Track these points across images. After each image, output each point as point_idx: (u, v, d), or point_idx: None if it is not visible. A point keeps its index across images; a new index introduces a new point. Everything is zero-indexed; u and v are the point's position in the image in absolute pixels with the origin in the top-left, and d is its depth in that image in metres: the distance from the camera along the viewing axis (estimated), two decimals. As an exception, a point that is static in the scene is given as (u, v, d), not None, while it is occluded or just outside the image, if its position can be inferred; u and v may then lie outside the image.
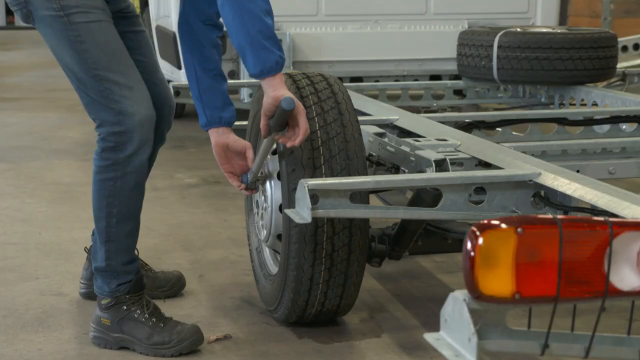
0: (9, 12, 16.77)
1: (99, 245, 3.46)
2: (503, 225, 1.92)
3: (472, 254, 1.91)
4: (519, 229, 1.91)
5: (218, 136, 3.62)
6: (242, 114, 3.93)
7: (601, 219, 1.97)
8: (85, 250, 4.06)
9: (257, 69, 3.17)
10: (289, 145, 3.24)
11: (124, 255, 3.47)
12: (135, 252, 3.58)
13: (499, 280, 1.91)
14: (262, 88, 3.26)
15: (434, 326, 2.05)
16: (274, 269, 3.76)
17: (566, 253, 1.92)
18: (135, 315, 3.43)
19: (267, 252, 3.85)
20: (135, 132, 3.33)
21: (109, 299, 3.46)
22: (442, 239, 3.76)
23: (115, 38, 3.41)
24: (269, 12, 3.18)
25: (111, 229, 3.42)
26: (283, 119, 3.19)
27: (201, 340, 3.42)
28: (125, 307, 3.44)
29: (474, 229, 1.92)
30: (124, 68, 3.40)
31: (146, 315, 3.43)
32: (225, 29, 3.36)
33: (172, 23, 6.51)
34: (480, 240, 1.90)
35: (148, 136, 3.39)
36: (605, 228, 1.94)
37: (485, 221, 1.94)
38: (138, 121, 3.34)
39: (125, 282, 3.46)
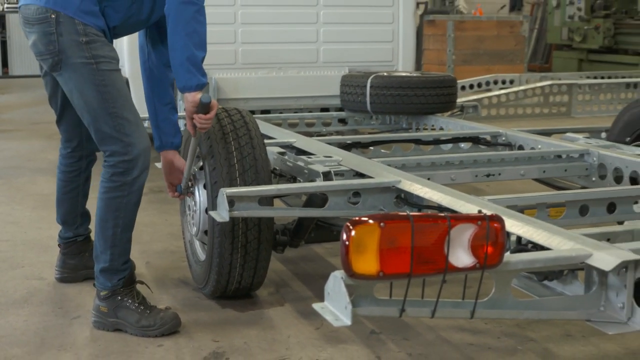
0: (4, 64, 16.44)
1: (103, 250, 3.34)
2: (370, 221, 1.93)
3: (347, 243, 1.91)
4: (381, 224, 1.92)
5: (167, 156, 3.67)
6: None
7: (442, 214, 1.99)
8: (58, 245, 3.99)
9: (180, 85, 3.23)
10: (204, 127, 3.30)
11: (124, 256, 3.37)
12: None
13: (367, 262, 1.92)
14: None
15: (324, 298, 2.05)
16: (202, 256, 3.73)
17: (417, 241, 1.93)
18: (128, 304, 3.33)
19: (197, 244, 3.82)
20: (140, 159, 3.26)
21: (106, 291, 3.36)
22: (330, 231, 3.76)
23: (125, 85, 3.36)
24: (201, 46, 3.19)
25: (116, 236, 3.32)
26: (205, 110, 3.23)
27: (179, 324, 3.33)
28: (119, 298, 3.34)
29: (348, 224, 1.92)
30: (133, 109, 3.32)
31: (136, 304, 3.33)
32: None
33: (126, 71, 6.41)
34: (353, 233, 1.91)
35: (148, 162, 3.32)
36: (445, 221, 1.96)
37: (357, 218, 1.94)
38: (142, 150, 3.27)
39: (122, 278, 3.37)
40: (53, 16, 3.19)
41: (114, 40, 3.46)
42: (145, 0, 3.36)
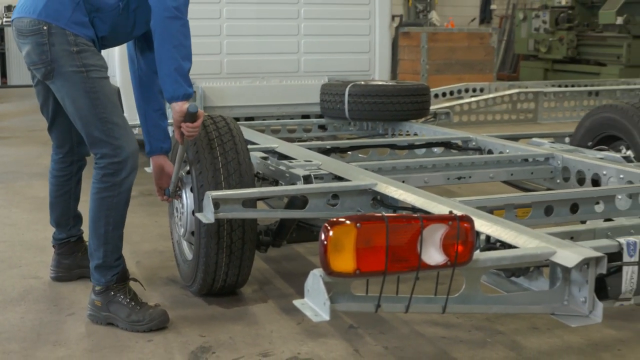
0: (3, 75, 16.31)
1: (97, 247, 3.34)
2: (347, 222, 1.93)
3: (325, 242, 1.91)
4: (358, 224, 1.92)
5: (158, 160, 3.67)
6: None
7: (415, 215, 1.99)
8: (53, 246, 3.96)
9: (168, 95, 3.20)
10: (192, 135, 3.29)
11: (117, 253, 3.37)
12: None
13: (344, 261, 1.92)
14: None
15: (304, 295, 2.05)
16: (189, 256, 3.71)
17: (391, 240, 1.93)
18: (120, 299, 3.33)
19: (184, 244, 3.80)
20: (128, 161, 3.27)
21: (101, 286, 3.35)
22: (310, 231, 3.76)
23: (114, 91, 3.37)
24: (187, 58, 3.17)
25: (108, 234, 3.32)
26: (192, 119, 3.20)
27: (167, 321, 3.32)
28: (112, 293, 3.34)
29: (326, 224, 1.92)
30: (121, 114, 3.33)
31: (127, 300, 3.33)
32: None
33: (117, 81, 6.39)
34: (331, 233, 1.91)
35: (136, 164, 3.33)
36: (418, 222, 1.96)
37: (335, 219, 1.94)
38: (131, 153, 3.27)
39: (115, 274, 3.36)
40: (45, 28, 3.20)
41: (106, 51, 3.45)
42: (129, 13, 3.35)
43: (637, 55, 12.84)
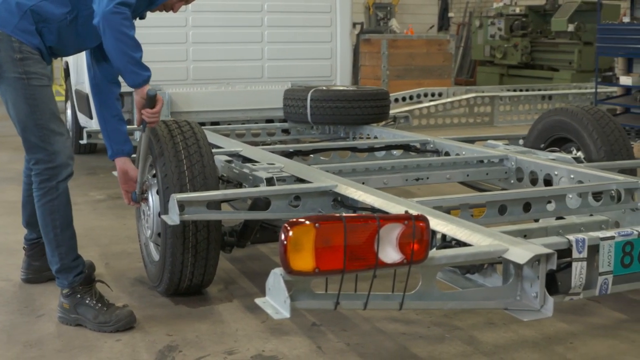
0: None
1: (52, 252, 3.33)
2: (306, 222, 1.92)
3: (285, 242, 1.90)
4: (316, 224, 1.92)
5: (121, 164, 3.65)
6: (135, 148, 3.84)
7: (372, 215, 1.99)
8: (23, 249, 3.92)
9: (130, 84, 3.22)
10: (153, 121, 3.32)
11: (72, 253, 3.35)
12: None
13: (304, 260, 1.91)
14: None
15: (266, 293, 2.04)
16: (156, 257, 3.69)
17: (349, 239, 1.93)
18: (86, 301, 3.31)
19: (151, 245, 3.77)
20: (62, 165, 3.27)
21: (67, 289, 3.34)
22: (273, 232, 3.76)
23: (54, 99, 3.36)
24: (136, 47, 3.14)
25: (58, 236, 3.30)
26: (151, 103, 3.23)
27: (134, 321, 3.30)
28: (79, 295, 3.32)
29: (286, 225, 1.91)
30: (58, 121, 3.31)
31: (94, 302, 3.31)
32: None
33: (86, 87, 6.33)
34: (290, 233, 1.90)
35: (71, 169, 3.32)
36: (375, 222, 1.96)
37: (294, 219, 1.93)
38: (64, 158, 3.28)
39: (78, 274, 3.35)
40: None
41: (76, 59, 3.41)
42: (77, 27, 3.36)
43: (587, 60, 13.00)
